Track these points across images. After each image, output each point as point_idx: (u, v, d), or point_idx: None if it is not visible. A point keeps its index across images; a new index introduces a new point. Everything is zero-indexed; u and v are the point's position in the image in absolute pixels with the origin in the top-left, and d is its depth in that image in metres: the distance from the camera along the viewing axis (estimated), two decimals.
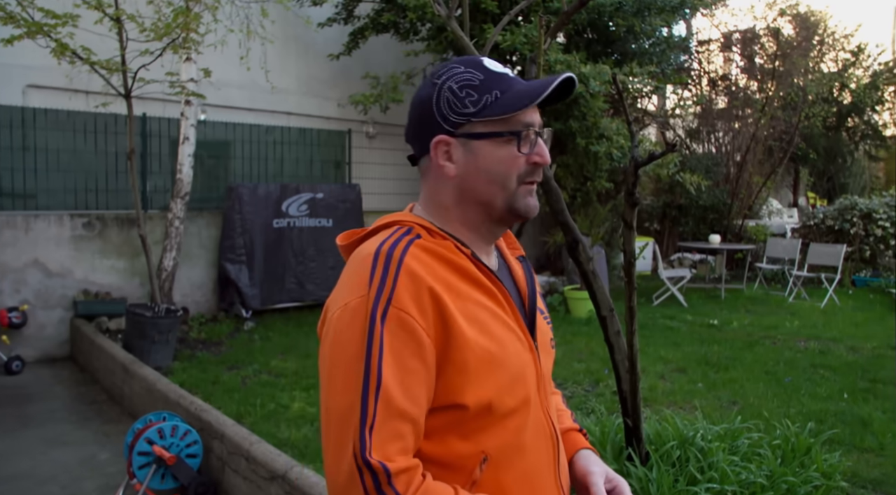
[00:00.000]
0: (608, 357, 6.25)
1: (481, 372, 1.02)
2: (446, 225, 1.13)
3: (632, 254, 2.77)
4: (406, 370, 0.98)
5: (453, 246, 1.09)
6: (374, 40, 9.13)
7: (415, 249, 1.05)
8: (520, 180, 1.10)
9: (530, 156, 1.10)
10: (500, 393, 1.04)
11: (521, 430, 1.08)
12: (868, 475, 3.78)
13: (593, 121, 8.03)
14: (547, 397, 1.17)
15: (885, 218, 10.79)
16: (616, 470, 3.15)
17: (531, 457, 1.10)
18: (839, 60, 14.23)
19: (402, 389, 0.97)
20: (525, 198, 1.11)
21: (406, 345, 0.98)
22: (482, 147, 1.09)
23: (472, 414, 1.02)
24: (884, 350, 6.68)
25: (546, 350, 1.20)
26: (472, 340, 1.02)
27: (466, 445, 1.03)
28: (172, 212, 6.97)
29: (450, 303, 1.01)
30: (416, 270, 1.01)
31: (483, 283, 1.09)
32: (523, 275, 1.22)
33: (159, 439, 3.68)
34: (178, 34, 5.86)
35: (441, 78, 1.11)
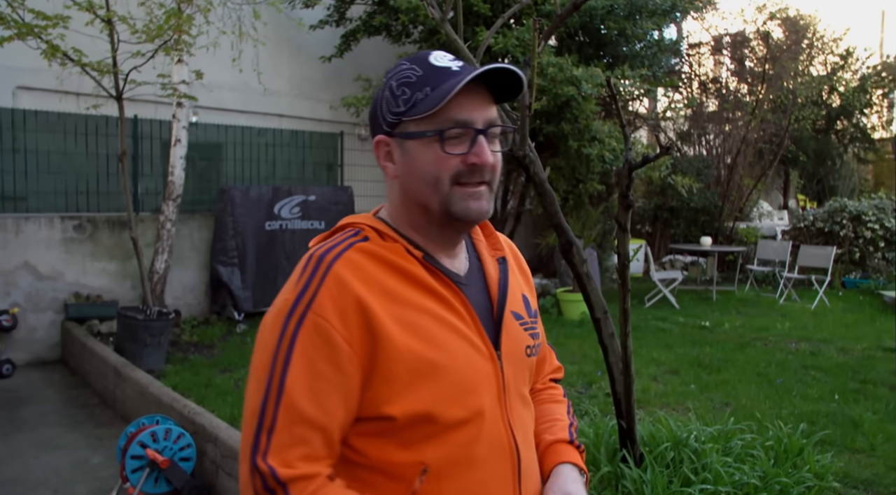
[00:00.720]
0: (601, 359, 6.27)
1: (413, 382, 0.99)
2: (400, 226, 1.10)
3: (626, 256, 2.78)
4: (316, 376, 0.96)
5: (403, 249, 1.06)
6: (366, 42, 9.14)
7: (352, 253, 1.02)
8: (454, 181, 1.04)
9: (466, 157, 1.03)
10: (441, 404, 1.00)
11: (470, 443, 1.03)
12: (859, 475, 3.80)
13: (585, 123, 8.06)
14: (511, 410, 1.10)
15: (874, 220, 10.87)
16: (610, 472, 3.16)
17: (481, 472, 1.04)
18: (828, 64, 14.35)
19: (309, 395, 0.95)
20: (463, 202, 1.04)
21: (320, 350, 0.96)
22: (413, 147, 1.05)
23: (403, 425, 0.99)
24: (874, 351, 6.73)
25: (516, 359, 1.13)
26: (404, 349, 0.98)
27: (405, 455, 1.00)
28: (164, 215, 6.94)
29: (379, 310, 0.98)
30: (343, 276, 0.99)
31: (433, 289, 1.05)
32: (497, 277, 1.16)
33: (152, 442, 3.66)
34: (171, 36, 5.84)
35: (389, 75, 1.09)
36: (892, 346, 6.84)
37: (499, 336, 1.10)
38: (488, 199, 1.08)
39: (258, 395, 0.97)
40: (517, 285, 1.20)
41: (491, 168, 1.06)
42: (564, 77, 7.62)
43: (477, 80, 1.03)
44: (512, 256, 1.26)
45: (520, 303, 1.18)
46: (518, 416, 1.12)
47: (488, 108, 1.06)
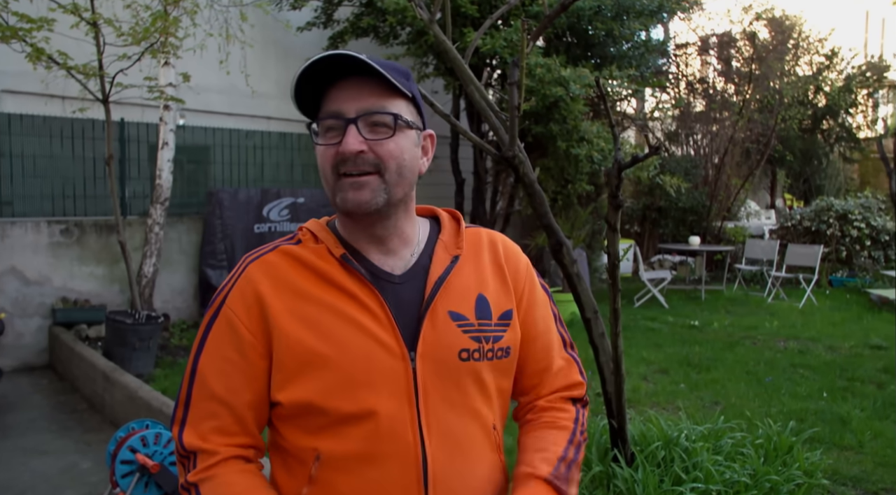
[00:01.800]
0: (590, 359, 6.31)
1: (301, 373, 1.05)
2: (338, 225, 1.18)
3: (616, 256, 2.79)
4: (223, 359, 1.08)
5: (325, 249, 1.11)
6: (354, 44, 9.11)
7: (271, 256, 1.12)
8: (336, 172, 1.07)
9: (337, 147, 1.06)
10: (327, 396, 1.04)
11: (367, 439, 1.04)
12: (848, 472, 3.83)
13: (574, 124, 8.07)
14: (429, 413, 1.06)
15: (861, 219, 10.97)
16: (601, 471, 3.17)
17: (378, 470, 1.04)
18: (814, 64, 14.45)
19: (216, 375, 1.08)
20: (341, 192, 1.07)
21: (226, 337, 1.09)
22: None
23: (290, 412, 1.07)
24: (861, 349, 6.79)
25: (439, 360, 1.08)
26: (294, 340, 1.05)
27: (304, 440, 1.07)
28: (152, 218, 6.90)
29: (277, 305, 1.07)
30: (252, 275, 1.10)
31: (344, 287, 1.08)
32: (438, 276, 1.12)
33: (142, 447, 3.63)
34: (157, 38, 5.80)
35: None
36: (879, 344, 6.90)
37: (417, 335, 1.08)
38: (374, 190, 1.07)
39: (184, 374, 1.13)
40: (472, 284, 1.14)
41: (368, 156, 1.05)
42: (552, 78, 7.63)
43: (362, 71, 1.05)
44: (490, 255, 1.19)
45: (467, 304, 1.12)
46: (438, 422, 1.07)
47: (370, 99, 1.06)
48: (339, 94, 1.07)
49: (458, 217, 1.24)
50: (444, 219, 1.23)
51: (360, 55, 1.04)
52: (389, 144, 1.07)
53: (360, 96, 1.06)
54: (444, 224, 1.22)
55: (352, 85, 1.07)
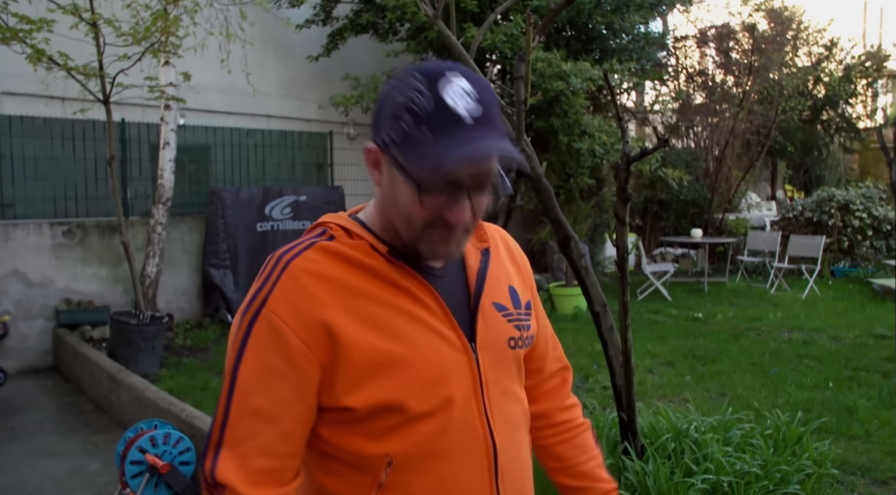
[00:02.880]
0: (596, 352, 6.31)
1: (374, 374, 0.99)
2: (374, 221, 1.09)
3: (625, 249, 2.79)
4: (268, 370, 0.98)
5: (367, 245, 1.05)
6: (354, 41, 9.11)
7: (311, 253, 1.03)
8: (427, 226, 1.00)
9: (442, 211, 0.99)
10: (405, 395, 1.00)
11: (438, 435, 1.02)
12: (857, 461, 3.84)
13: (575, 118, 8.08)
14: (490, 402, 1.08)
15: (862, 209, 10.96)
16: (612, 464, 3.17)
17: (451, 464, 1.03)
18: (813, 54, 14.43)
19: (261, 389, 0.98)
20: (431, 245, 1.02)
21: (271, 345, 0.98)
22: (399, 178, 0.99)
23: (364, 416, 1.00)
24: (865, 338, 6.79)
25: (495, 350, 1.10)
26: (362, 341, 0.98)
27: (372, 446, 1.01)
28: (154, 218, 6.90)
29: (334, 307, 0.99)
30: (297, 274, 1.00)
31: (397, 283, 1.04)
32: (477, 269, 1.14)
33: (151, 447, 3.64)
34: (158, 38, 5.79)
35: (399, 85, 0.99)
36: (883, 333, 6.91)
37: (474, 327, 1.09)
38: (460, 244, 1.04)
39: (224, 389, 1.01)
40: (503, 276, 1.18)
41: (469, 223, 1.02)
42: (553, 72, 7.63)
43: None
44: (504, 248, 1.23)
45: (504, 295, 1.16)
46: (499, 410, 1.10)
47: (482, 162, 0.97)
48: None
49: None
50: None
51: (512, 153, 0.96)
52: (483, 206, 1.03)
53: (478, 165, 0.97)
54: None
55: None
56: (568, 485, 1.31)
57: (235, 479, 0.96)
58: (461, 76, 0.97)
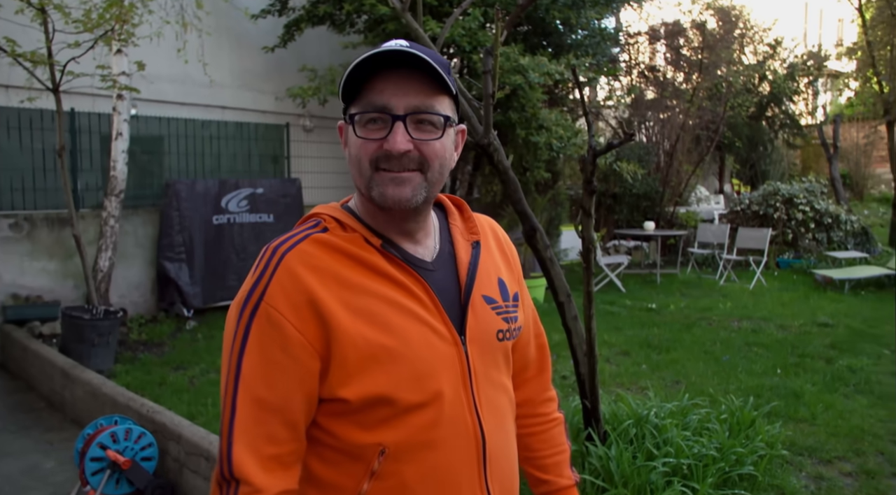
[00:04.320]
0: (553, 343, 6.41)
1: (367, 367, 1.01)
2: (362, 214, 1.12)
3: (591, 240, 2.86)
4: (269, 362, 1.00)
5: (361, 238, 1.07)
6: (310, 32, 9.01)
7: (305, 245, 1.04)
8: (374, 166, 1.04)
9: (381, 143, 1.03)
10: (397, 387, 1.02)
11: (430, 426, 1.05)
12: (804, 443, 4.02)
13: (532, 112, 8.16)
14: (479, 393, 1.11)
15: (805, 202, 11.37)
16: (576, 450, 3.25)
17: (443, 454, 1.06)
18: (758, 53, 14.88)
19: (263, 380, 1.00)
20: (379, 187, 1.05)
21: (272, 338, 1.00)
22: (349, 131, 1.08)
23: (357, 407, 1.02)
24: (809, 327, 7.07)
25: (484, 343, 1.13)
26: (355, 334, 1.01)
27: (364, 436, 1.03)
28: (107, 211, 6.73)
29: (329, 299, 1.01)
30: (293, 267, 1.01)
31: (390, 275, 1.06)
32: (467, 261, 1.16)
33: (112, 443, 3.58)
34: (111, 26, 5.64)
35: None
36: (826, 322, 7.20)
37: (464, 320, 1.11)
38: (416, 187, 1.06)
39: (224, 384, 1.03)
40: (492, 268, 1.20)
41: (413, 155, 1.04)
42: (511, 66, 7.69)
43: (412, 66, 1.02)
44: (494, 239, 1.26)
45: (494, 287, 1.18)
46: (488, 401, 1.12)
47: (419, 96, 1.03)
48: (385, 85, 1.03)
49: (463, 203, 1.27)
50: (449, 205, 1.26)
51: (420, 52, 1.02)
52: (436, 145, 1.06)
53: (409, 92, 1.03)
54: (450, 210, 1.25)
55: (400, 78, 1.03)
56: (531, 475, 1.36)
57: (251, 468, 0.99)
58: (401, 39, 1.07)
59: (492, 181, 9.34)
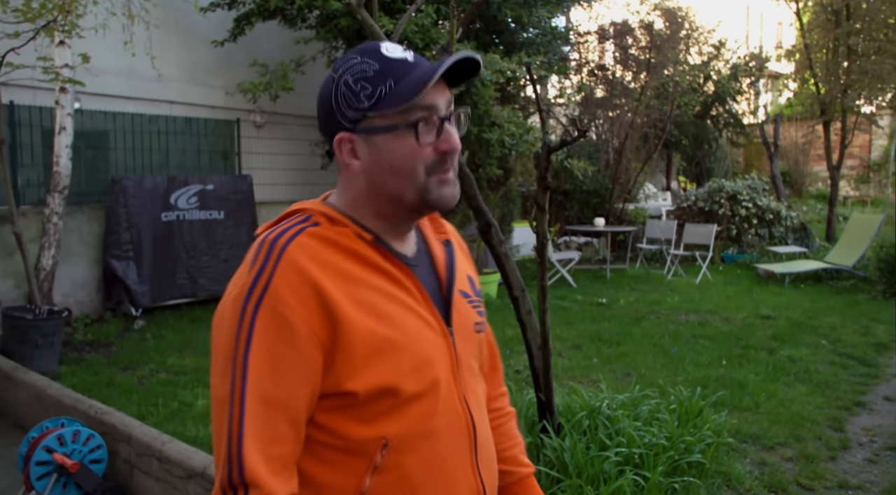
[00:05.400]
0: (507, 338, 6.48)
1: (373, 359, 1.02)
2: (357, 213, 1.11)
3: (545, 235, 2.91)
4: (277, 358, 0.98)
5: (353, 233, 1.08)
6: (261, 27, 8.87)
7: (303, 238, 1.04)
8: (429, 171, 1.06)
9: (437, 145, 1.06)
10: (401, 378, 1.04)
11: (428, 415, 1.07)
12: (748, 431, 4.18)
13: (485, 109, 8.22)
14: (464, 383, 1.14)
15: (748, 199, 11.74)
16: (531, 443, 3.31)
17: (440, 443, 1.08)
18: (703, 53, 15.26)
19: (271, 378, 0.98)
20: (439, 189, 1.08)
21: (279, 333, 0.98)
22: (383, 140, 1.06)
23: (363, 400, 1.02)
24: (752, 319, 7.31)
25: (466, 334, 1.18)
26: (362, 327, 1.01)
27: (366, 430, 1.03)
28: (50, 208, 6.51)
29: (335, 292, 1.00)
30: (296, 259, 1.00)
31: (385, 270, 1.08)
32: (444, 258, 1.20)
33: (59, 446, 3.48)
34: (54, 16, 5.46)
35: (338, 71, 1.07)
36: (768, 314, 7.46)
37: (449, 312, 1.15)
38: (456, 184, 1.11)
39: (224, 383, 0.98)
40: (462, 266, 1.25)
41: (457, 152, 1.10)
42: None
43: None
44: (455, 239, 1.30)
45: (466, 283, 1.23)
46: (471, 389, 1.17)
47: (447, 93, 1.08)
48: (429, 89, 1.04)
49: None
50: None
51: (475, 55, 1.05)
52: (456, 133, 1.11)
53: (443, 91, 1.07)
54: None
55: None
56: None
57: (261, 472, 0.96)
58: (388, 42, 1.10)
59: None
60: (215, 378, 1.01)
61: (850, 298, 8.34)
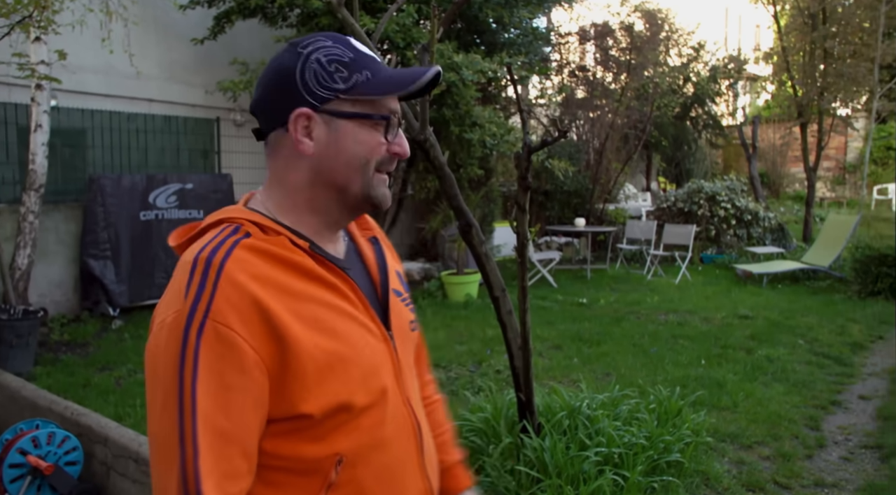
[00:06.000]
0: (488, 338, 6.50)
1: (325, 377, 0.97)
2: (289, 211, 1.06)
3: (525, 235, 2.91)
4: (226, 387, 0.91)
5: (287, 241, 1.01)
6: (241, 25, 8.82)
7: (240, 252, 0.96)
8: (377, 167, 1.06)
9: (391, 146, 1.06)
10: (352, 392, 0.99)
11: (378, 425, 1.04)
12: (727, 430, 4.22)
13: (466, 109, 8.23)
14: (406, 386, 1.12)
15: (727, 200, 11.85)
16: (511, 443, 3.32)
17: (391, 451, 1.06)
18: (683, 55, 15.40)
19: (223, 409, 0.90)
20: (380, 188, 1.07)
21: (225, 360, 0.90)
22: (347, 127, 1.03)
23: (318, 420, 0.97)
24: (731, 319, 7.38)
25: (404, 335, 1.15)
26: (311, 345, 0.95)
27: (319, 448, 0.98)
28: (26, 206, 6.42)
29: (279, 310, 0.94)
30: (237, 277, 0.93)
31: (324, 278, 1.02)
32: (374, 257, 1.17)
33: (34, 449, 3.43)
34: (30, 12, 5.39)
35: (307, 48, 1.03)
36: (746, 314, 7.54)
37: (387, 315, 1.12)
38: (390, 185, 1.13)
39: (170, 420, 0.90)
40: (392, 263, 1.21)
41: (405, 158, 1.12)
42: (445, 63, 7.74)
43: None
44: (379, 234, 1.27)
45: (397, 280, 1.20)
46: (413, 390, 1.15)
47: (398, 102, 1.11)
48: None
49: None
50: None
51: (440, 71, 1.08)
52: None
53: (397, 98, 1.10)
54: None
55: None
56: None
57: None
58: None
59: (426, 178, 9.36)
60: (155, 414, 0.92)
61: (826, 298, 8.46)
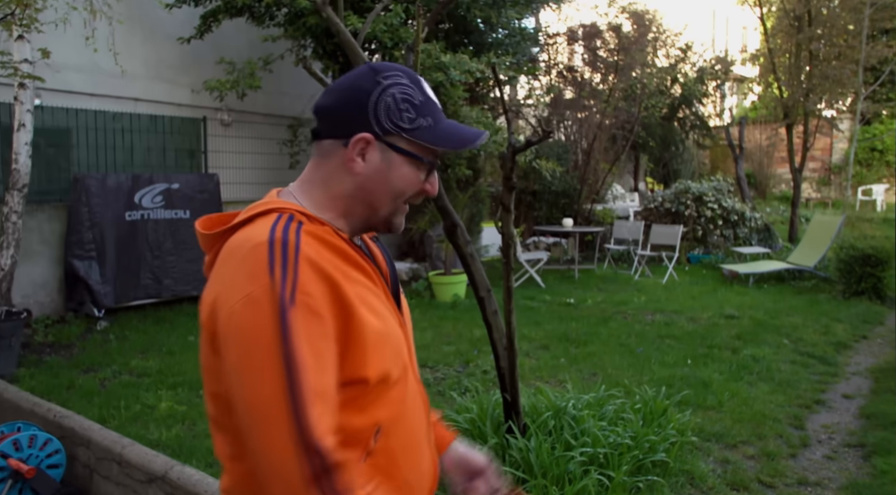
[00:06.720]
0: (475, 338, 6.50)
1: (377, 348, 1.09)
2: (325, 210, 1.17)
3: (510, 235, 2.91)
4: (319, 353, 1.01)
5: (332, 230, 1.13)
6: (228, 24, 8.77)
7: (305, 236, 1.07)
8: (406, 200, 1.20)
9: (426, 185, 1.20)
10: (390, 365, 1.13)
11: (402, 399, 1.17)
12: (712, 429, 4.23)
13: (454, 109, 8.22)
14: (415, 365, 1.28)
15: (714, 200, 11.91)
16: (496, 443, 3.32)
17: (411, 422, 1.19)
18: (670, 56, 15.46)
19: (318, 372, 1.00)
20: (400, 216, 1.22)
21: (316, 328, 1.01)
22: (397, 160, 1.15)
23: (371, 387, 1.09)
24: (717, 319, 7.42)
25: (408, 322, 1.31)
26: (366, 319, 1.08)
27: (363, 418, 1.09)
28: (9, 206, 6.35)
29: (346, 286, 1.06)
30: (312, 256, 1.04)
31: (363, 266, 1.14)
32: (381, 255, 1.31)
33: (15, 452, 3.39)
34: (12, 9, 5.33)
35: (388, 80, 1.15)
36: (732, 314, 7.58)
37: (399, 302, 1.27)
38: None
39: (276, 382, 0.97)
40: (393, 261, 1.36)
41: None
42: (433, 63, 7.73)
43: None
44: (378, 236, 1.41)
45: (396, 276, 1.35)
46: (418, 370, 1.31)
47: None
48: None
49: None
50: None
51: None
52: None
53: None
54: None
55: None
56: None
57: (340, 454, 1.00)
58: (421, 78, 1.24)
59: None
60: (252, 380, 0.99)
61: (811, 298, 8.52)
